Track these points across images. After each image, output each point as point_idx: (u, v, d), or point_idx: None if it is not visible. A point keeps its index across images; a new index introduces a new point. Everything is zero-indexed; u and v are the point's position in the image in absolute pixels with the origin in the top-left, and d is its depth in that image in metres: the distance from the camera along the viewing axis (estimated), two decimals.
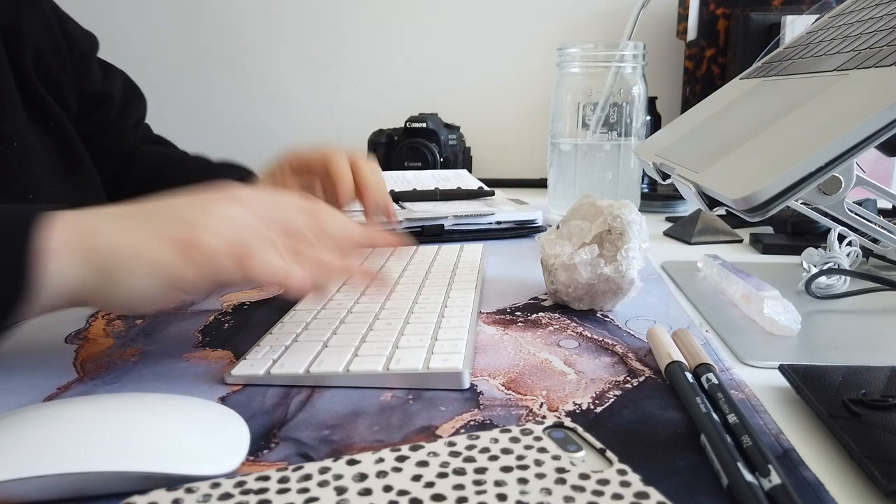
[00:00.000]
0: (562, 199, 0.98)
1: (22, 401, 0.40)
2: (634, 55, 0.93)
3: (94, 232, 0.41)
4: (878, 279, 0.59)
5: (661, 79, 1.35)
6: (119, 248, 0.40)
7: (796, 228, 0.80)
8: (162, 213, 0.43)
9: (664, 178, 0.52)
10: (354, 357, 0.44)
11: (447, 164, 1.26)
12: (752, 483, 0.29)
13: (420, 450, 0.31)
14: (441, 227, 0.82)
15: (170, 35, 1.46)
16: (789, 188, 0.34)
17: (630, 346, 0.49)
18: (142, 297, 0.41)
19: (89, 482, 0.30)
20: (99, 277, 0.40)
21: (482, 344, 0.49)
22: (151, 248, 0.40)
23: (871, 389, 0.38)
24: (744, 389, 0.41)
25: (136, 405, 0.35)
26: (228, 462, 0.32)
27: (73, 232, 0.40)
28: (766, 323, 0.52)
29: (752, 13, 1.20)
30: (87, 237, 0.40)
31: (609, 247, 0.54)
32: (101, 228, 0.41)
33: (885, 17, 0.46)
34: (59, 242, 0.39)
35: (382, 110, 1.44)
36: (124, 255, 0.40)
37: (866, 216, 0.40)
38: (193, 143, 0.90)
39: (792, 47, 0.59)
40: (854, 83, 0.39)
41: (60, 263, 0.39)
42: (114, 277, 0.40)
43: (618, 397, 0.40)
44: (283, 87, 1.47)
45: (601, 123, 0.94)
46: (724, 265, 0.63)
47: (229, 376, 0.43)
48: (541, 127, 1.39)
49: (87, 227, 0.41)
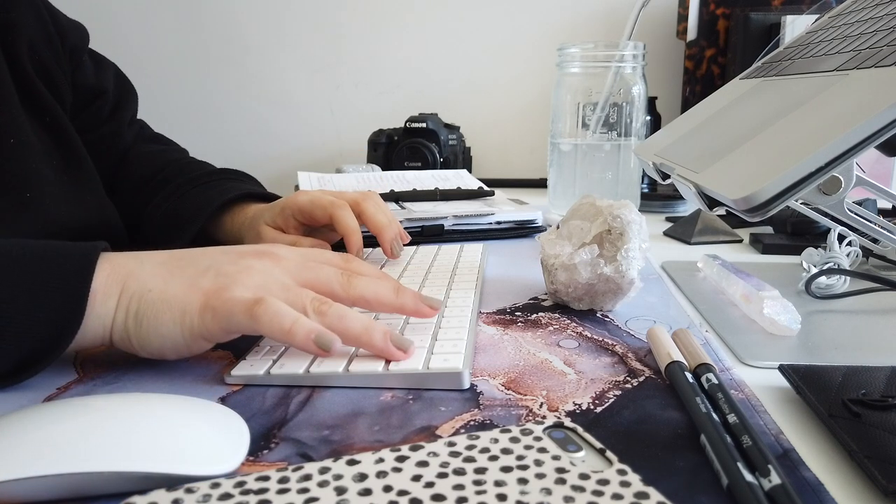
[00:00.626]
0: (562, 199, 0.98)
1: (22, 401, 0.40)
2: (634, 55, 0.93)
3: (131, 276, 0.43)
4: (878, 279, 0.59)
5: (661, 79, 1.35)
6: (151, 293, 0.42)
7: (796, 228, 0.80)
8: (199, 264, 0.44)
9: (664, 178, 0.52)
10: (354, 357, 0.44)
11: (447, 164, 1.26)
12: (752, 483, 0.29)
13: (420, 450, 0.31)
14: (441, 227, 0.82)
15: (169, 35, 1.46)
16: (789, 188, 0.35)
17: (630, 346, 0.49)
18: (166, 343, 0.42)
19: (89, 482, 0.30)
20: (133, 321, 0.42)
21: (482, 344, 0.49)
22: (178, 296, 0.42)
23: (871, 389, 0.38)
24: (744, 389, 0.41)
25: (136, 405, 0.35)
26: (228, 462, 0.32)
27: (112, 274, 0.42)
28: (766, 323, 0.52)
29: (752, 13, 1.20)
30: (124, 280, 0.42)
31: (609, 247, 0.54)
32: (136, 272, 0.43)
33: (885, 17, 0.46)
34: (102, 284, 0.42)
35: (382, 110, 1.44)
36: (154, 300, 0.42)
37: (866, 216, 0.40)
38: (193, 143, 0.90)
39: (792, 47, 0.59)
40: (854, 83, 0.39)
41: (106, 305, 0.42)
42: (142, 321, 0.42)
43: (618, 397, 0.40)
44: (283, 87, 1.47)
45: (601, 123, 0.94)
46: (724, 265, 0.63)
47: (229, 376, 0.43)
48: (541, 127, 1.40)
49: (124, 271, 0.43)
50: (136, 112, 0.84)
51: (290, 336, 0.40)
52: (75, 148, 0.69)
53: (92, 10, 1.37)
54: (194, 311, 0.42)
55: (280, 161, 1.48)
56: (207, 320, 0.41)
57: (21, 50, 0.65)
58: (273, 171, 1.43)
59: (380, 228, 0.66)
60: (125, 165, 0.79)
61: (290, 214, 0.67)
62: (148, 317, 0.42)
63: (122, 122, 0.79)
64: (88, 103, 0.76)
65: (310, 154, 1.49)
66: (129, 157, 0.79)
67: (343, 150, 1.48)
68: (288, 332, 0.40)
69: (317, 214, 0.66)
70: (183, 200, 0.72)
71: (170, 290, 0.42)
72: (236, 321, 0.41)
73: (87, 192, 0.68)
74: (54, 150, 0.66)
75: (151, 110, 0.88)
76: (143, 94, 0.85)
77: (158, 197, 0.74)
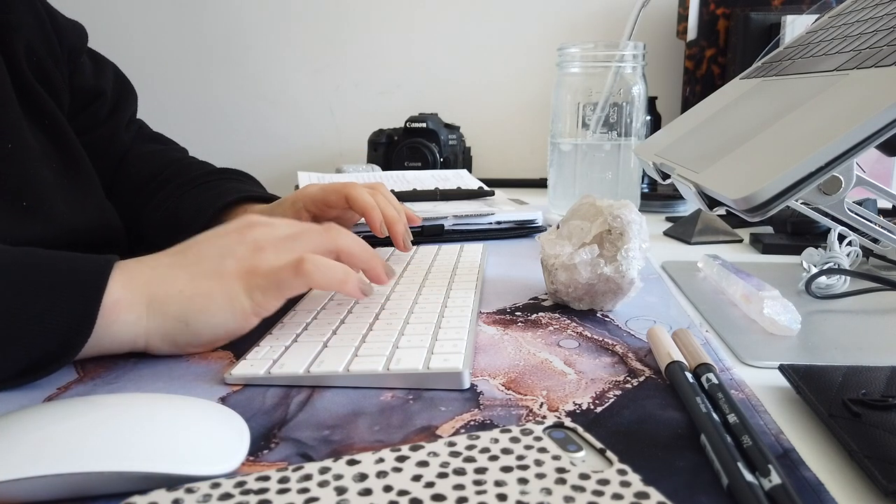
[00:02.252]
0: (562, 199, 0.98)
1: (22, 401, 0.40)
2: (634, 55, 0.93)
3: (150, 282, 0.44)
4: (878, 279, 0.59)
5: (661, 79, 1.35)
6: (183, 293, 0.44)
7: (796, 228, 0.80)
8: (208, 254, 0.46)
9: (664, 178, 0.52)
10: (354, 357, 0.44)
11: (447, 164, 1.26)
12: (752, 483, 0.29)
13: (420, 450, 0.31)
14: (441, 227, 0.82)
15: (170, 34, 1.46)
16: (789, 188, 0.34)
17: (630, 346, 0.49)
18: (219, 331, 0.45)
19: (89, 482, 0.30)
20: (176, 323, 0.44)
21: (482, 344, 0.49)
22: (215, 287, 0.44)
23: (871, 389, 0.38)
24: (744, 389, 0.41)
25: (136, 405, 0.35)
26: (228, 462, 0.32)
27: (130, 282, 0.44)
28: (766, 323, 0.52)
29: (752, 13, 1.20)
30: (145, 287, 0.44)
31: (609, 247, 0.54)
32: (153, 278, 0.44)
33: (885, 17, 0.46)
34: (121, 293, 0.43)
35: (382, 110, 1.44)
36: (191, 297, 0.44)
37: (866, 216, 0.40)
38: (193, 143, 0.90)
39: (792, 47, 0.59)
40: (854, 83, 0.39)
41: (132, 313, 0.43)
42: (188, 320, 0.44)
43: (618, 397, 0.40)
44: (283, 87, 1.47)
45: (601, 123, 0.94)
46: (724, 265, 0.63)
47: (229, 376, 0.43)
48: (541, 127, 1.39)
49: (142, 278, 0.44)
50: (135, 112, 0.83)
51: (343, 285, 0.46)
52: (74, 150, 0.68)
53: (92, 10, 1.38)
54: (241, 295, 0.44)
55: (280, 161, 1.48)
56: (259, 298, 0.45)
57: (18, 52, 0.65)
58: (273, 171, 1.43)
59: (391, 221, 0.65)
60: (125, 166, 0.78)
61: (303, 206, 0.67)
62: (193, 313, 0.44)
63: (120, 123, 0.79)
64: (86, 105, 0.75)
65: (310, 154, 1.49)
66: (128, 158, 0.79)
67: (343, 150, 1.48)
68: (342, 281, 0.46)
69: (331, 199, 0.65)
70: (182, 202, 0.72)
71: (202, 284, 0.44)
72: (288, 286, 0.45)
73: (86, 194, 0.68)
74: (53, 153, 0.66)
75: (151, 110, 0.87)
76: (143, 94, 0.85)
77: (158, 197, 0.74)
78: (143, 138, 0.83)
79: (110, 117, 0.78)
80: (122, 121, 0.79)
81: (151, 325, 0.44)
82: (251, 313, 0.45)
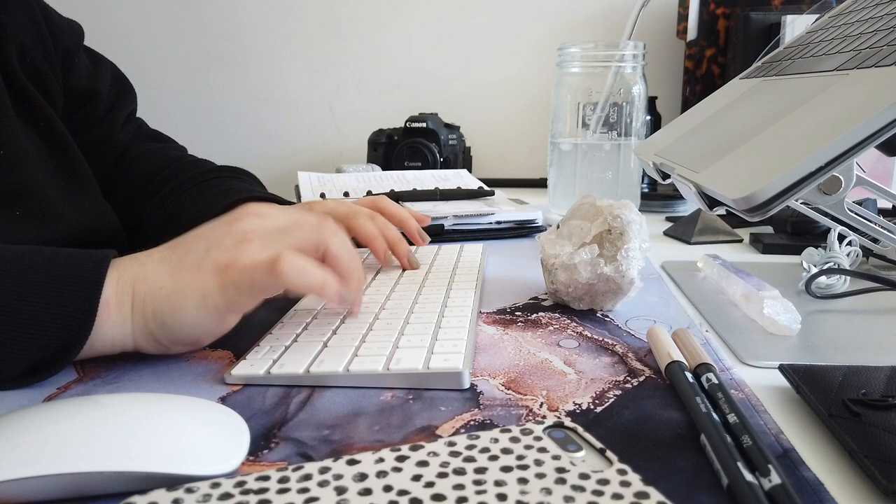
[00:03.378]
0: (562, 199, 0.98)
1: (22, 401, 0.40)
2: (634, 55, 0.93)
3: (137, 279, 0.43)
4: (878, 279, 0.59)
5: (661, 79, 1.35)
6: (163, 290, 0.43)
7: (796, 228, 0.80)
8: (196, 248, 0.45)
9: (664, 178, 0.52)
10: (354, 357, 0.44)
11: (447, 164, 1.26)
12: (752, 483, 0.29)
13: (420, 450, 0.31)
14: (441, 227, 0.82)
15: (170, 34, 1.46)
16: (789, 188, 0.35)
17: (630, 346, 0.49)
18: (195, 330, 0.44)
19: (89, 482, 0.30)
20: (154, 321, 0.43)
21: (482, 344, 0.49)
22: (191, 283, 0.43)
23: (871, 389, 0.38)
24: (744, 389, 0.41)
25: (136, 405, 0.35)
26: (228, 462, 0.32)
27: (121, 280, 0.43)
28: (766, 323, 0.52)
29: (752, 13, 1.20)
30: (132, 285, 0.43)
31: (609, 247, 0.54)
32: (141, 275, 0.44)
33: (885, 17, 0.46)
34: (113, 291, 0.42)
35: (382, 110, 1.44)
36: (168, 295, 0.43)
37: (866, 216, 0.40)
38: (193, 143, 0.89)
39: (792, 47, 0.59)
40: (854, 83, 0.39)
41: (121, 312, 0.42)
42: (164, 319, 0.43)
43: (618, 397, 0.40)
44: (283, 87, 1.47)
45: (601, 123, 0.94)
46: (724, 265, 0.63)
47: (229, 376, 0.43)
48: (541, 127, 1.40)
49: (130, 275, 0.43)
50: (134, 110, 0.82)
51: (320, 290, 0.43)
52: (70, 152, 0.68)
53: (92, 10, 1.38)
54: (214, 292, 0.42)
55: (280, 161, 1.48)
56: (231, 295, 0.42)
57: (11, 52, 0.64)
58: (273, 171, 1.43)
59: (403, 221, 0.69)
60: (124, 164, 0.78)
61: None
62: (168, 312, 0.43)
63: (116, 122, 0.78)
64: (81, 105, 0.74)
65: (310, 154, 1.49)
66: (127, 156, 0.78)
67: (343, 149, 1.48)
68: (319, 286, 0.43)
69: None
70: (183, 201, 0.72)
71: (180, 281, 0.43)
72: (261, 285, 0.42)
73: (83, 195, 0.68)
74: (49, 156, 0.65)
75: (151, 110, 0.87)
76: (143, 94, 0.84)
77: (159, 197, 0.74)
78: (142, 136, 0.83)
79: (107, 116, 0.77)
80: (119, 120, 0.78)
81: (136, 325, 0.43)
82: (225, 310, 0.43)
